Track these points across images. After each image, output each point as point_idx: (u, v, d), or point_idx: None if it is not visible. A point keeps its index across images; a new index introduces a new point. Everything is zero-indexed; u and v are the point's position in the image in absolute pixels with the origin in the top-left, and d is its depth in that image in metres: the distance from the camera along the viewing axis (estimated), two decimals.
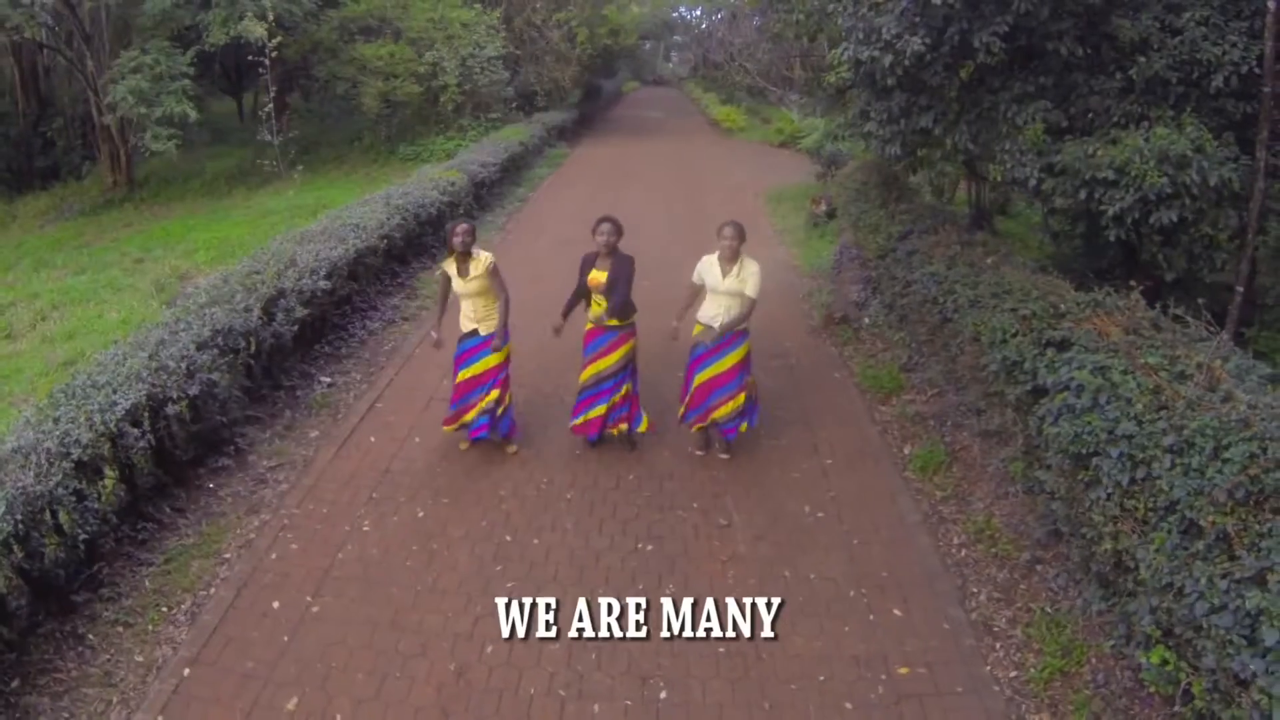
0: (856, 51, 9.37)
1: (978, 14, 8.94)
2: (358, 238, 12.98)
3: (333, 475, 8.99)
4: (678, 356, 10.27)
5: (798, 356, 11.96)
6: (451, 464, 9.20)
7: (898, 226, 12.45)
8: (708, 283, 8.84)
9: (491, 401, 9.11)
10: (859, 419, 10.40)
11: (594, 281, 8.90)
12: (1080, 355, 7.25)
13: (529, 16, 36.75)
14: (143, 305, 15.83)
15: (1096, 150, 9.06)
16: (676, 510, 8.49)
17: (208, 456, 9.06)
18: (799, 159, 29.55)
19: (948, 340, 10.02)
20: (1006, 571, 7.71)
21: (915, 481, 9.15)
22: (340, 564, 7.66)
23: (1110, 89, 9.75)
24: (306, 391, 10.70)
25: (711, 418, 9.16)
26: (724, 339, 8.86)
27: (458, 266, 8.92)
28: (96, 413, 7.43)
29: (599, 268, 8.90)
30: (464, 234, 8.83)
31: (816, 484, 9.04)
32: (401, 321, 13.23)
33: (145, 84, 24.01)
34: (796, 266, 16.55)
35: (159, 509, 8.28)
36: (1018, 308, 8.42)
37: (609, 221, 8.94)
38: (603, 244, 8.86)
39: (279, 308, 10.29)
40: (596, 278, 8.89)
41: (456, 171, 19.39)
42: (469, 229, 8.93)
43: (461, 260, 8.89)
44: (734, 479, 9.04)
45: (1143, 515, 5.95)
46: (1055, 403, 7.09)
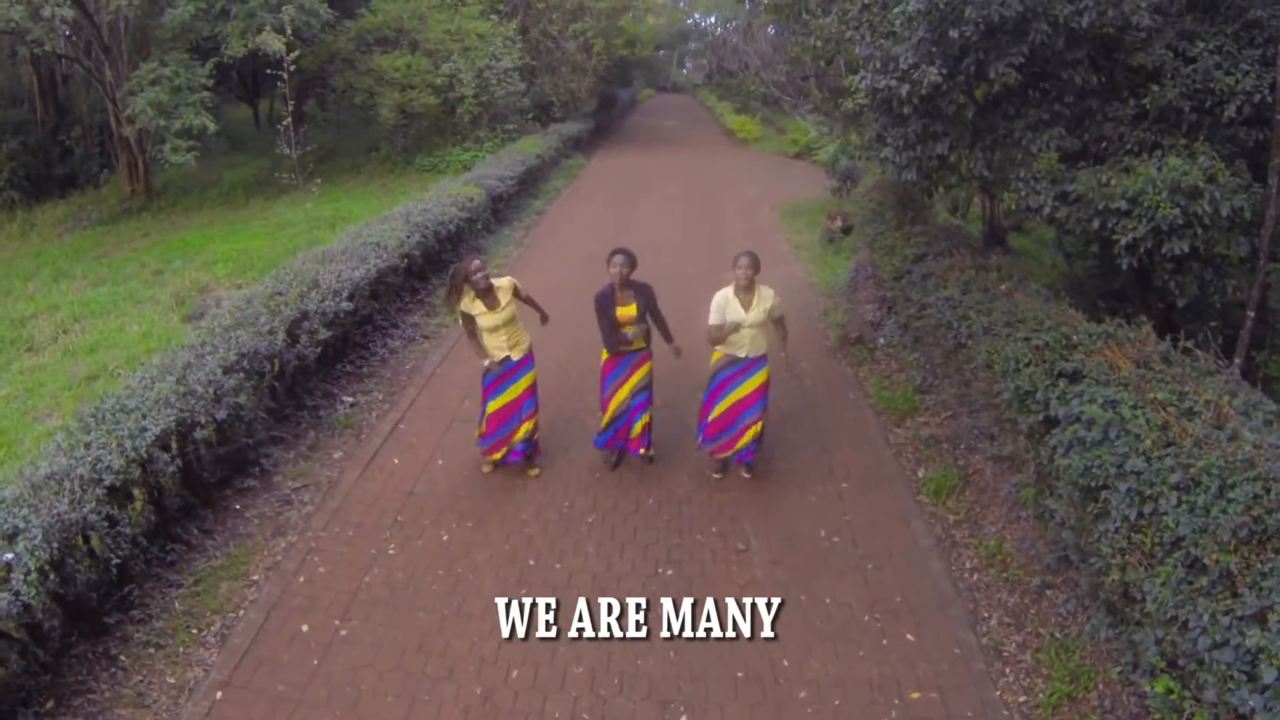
0: (874, 81, 9.50)
1: (994, 44, 9.07)
2: (379, 257, 13.14)
3: (358, 497, 9.15)
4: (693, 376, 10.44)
5: (813, 377, 12.08)
6: (474, 487, 9.36)
7: (913, 248, 12.56)
8: (731, 319, 8.89)
9: (527, 432, 9.30)
10: (874, 441, 10.51)
11: (625, 318, 8.96)
12: (1091, 388, 7.35)
13: (545, 27, 36.91)
14: (163, 319, 16.02)
15: (1110, 179, 9.16)
16: (695, 534, 8.63)
17: (234, 478, 9.22)
18: (814, 171, 29.61)
19: (961, 365, 10.12)
20: (1017, 596, 7.81)
21: (928, 505, 9.26)
22: (367, 587, 7.81)
23: (1123, 116, 9.86)
24: (329, 411, 10.86)
25: (733, 450, 9.31)
26: (744, 364, 9.01)
27: (484, 302, 8.93)
28: (127, 438, 7.58)
29: (622, 303, 8.95)
30: (480, 268, 8.84)
31: (832, 507, 9.16)
32: (422, 339, 13.41)
33: (164, 96, 24.22)
34: (812, 284, 16.69)
35: (187, 530, 8.43)
36: (1030, 337, 8.52)
37: (622, 254, 8.91)
38: (616, 275, 8.86)
39: (302, 329, 10.47)
40: (627, 314, 8.95)
41: (475, 187, 19.55)
42: (480, 264, 8.93)
43: (485, 294, 8.92)
44: (751, 502, 9.18)
45: (1149, 549, 6.04)
46: (1066, 434, 7.18)
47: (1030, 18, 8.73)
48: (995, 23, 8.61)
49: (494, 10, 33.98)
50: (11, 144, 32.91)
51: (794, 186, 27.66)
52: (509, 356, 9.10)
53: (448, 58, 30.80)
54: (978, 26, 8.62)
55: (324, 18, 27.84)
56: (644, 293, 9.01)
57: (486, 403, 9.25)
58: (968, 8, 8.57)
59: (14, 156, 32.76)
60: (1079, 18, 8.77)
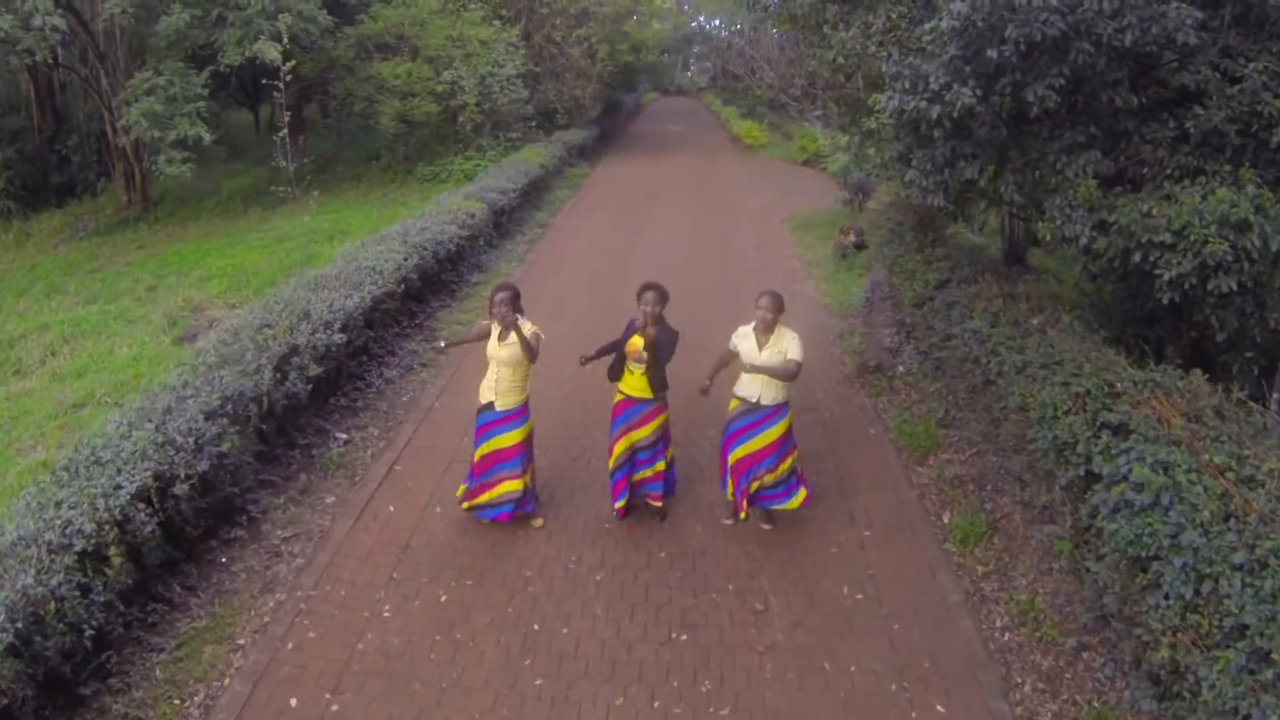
0: (902, 101, 8.89)
1: (1032, 65, 8.48)
2: (374, 283, 12.52)
3: (350, 550, 8.58)
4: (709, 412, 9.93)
5: (831, 409, 11.52)
6: (474, 539, 8.76)
7: (935, 273, 12.02)
8: (743, 355, 8.41)
9: (509, 491, 8.67)
10: (896, 482, 9.97)
11: (632, 348, 8.38)
12: (1140, 445, 6.83)
13: (549, 33, 36.32)
14: (154, 340, 15.65)
15: (1152, 208, 8.59)
16: (710, 593, 8.06)
17: (219, 527, 8.66)
18: (823, 179, 29.18)
19: (990, 403, 9.60)
20: (1051, 659, 7.33)
21: (955, 555, 8.74)
22: (360, 655, 7.25)
23: (1162, 138, 9.25)
24: (322, 450, 10.30)
25: (753, 489, 8.75)
26: (761, 414, 8.46)
27: (499, 330, 8.40)
28: (100, 497, 7.06)
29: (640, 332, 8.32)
30: (500, 303, 8.24)
31: (854, 559, 8.61)
32: (420, 368, 12.80)
33: (159, 106, 23.65)
34: (826, 305, 16.11)
35: (169, 588, 7.89)
36: (1070, 382, 7.99)
37: (653, 290, 8.25)
38: (650, 314, 8.19)
39: (292, 365, 9.89)
40: (635, 345, 8.35)
41: (476, 201, 18.99)
42: (508, 296, 8.31)
43: (500, 326, 8.36)
44: (769, 555, 8.61)
45: (1206, 631, 5.58)
46: (1112, 495, 6.68)
47: (1072, 36, 8.14)
48: (1037, 42, 8.02)
49: (497, 16, 33.39)
50: (7, 152, 32.42)
51: (803, 197, 27.10)
52: (491, 403, 8.53)
53: (449, 64, 30.21)
54: (1018, 46, 8.04)
55: (323, 24, 27.29)
56: (666, 335, 8.33)
57: (476, 445, 8.70)
58: (1008, 26, 7.97)
59: (10, 165, 32.25)
60: (1121, 35, 8.19)
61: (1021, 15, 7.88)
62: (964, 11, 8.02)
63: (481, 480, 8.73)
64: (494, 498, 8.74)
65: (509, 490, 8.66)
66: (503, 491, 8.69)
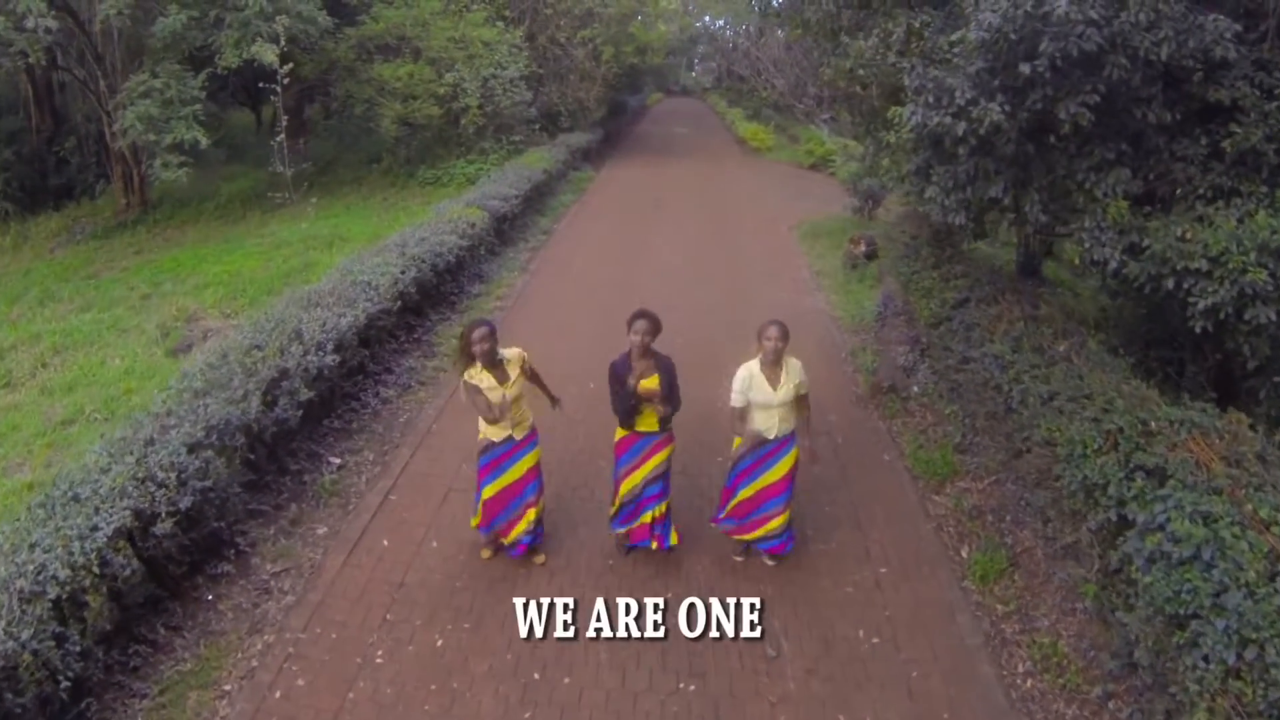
0: (925, 117, 8.44)
1: (1064, 80, 8.04)
2: (369, 299, 12.01)
3: (342, 589, 8.15)
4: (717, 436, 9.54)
5: (844, 432, 11.07)
6: (472, 577, 8.31)
7: (953, 292, 11.60)
8: (756, 400, 7.92)
9: (530, 523, 8.26)
10: (912, 513, 9.54)
11: (647, 392, 7.88)
12: (1178, 493, 6.42)
13: (553, 34, 35.84)
14: (146, 352, 15.31)
15: (1185, 232, 8.16)
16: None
17: (206, 562, 8.25)
18: (831, 184, 28.80)
19: (1011, 432, 9.19)
20: (1076, 708, 6.98)
21: (975, 593, 8.32)
22: (352, 706, 6.84)
23: (1193, 155, 8.81)
24: (314, 475, 9.86)
25: (753, 535, 8.34)
26: (771, 447, 8.04)
27: (493, 375, 7.88)
28: (76, 540, 6.65)
29: (643, 374, 7.86)
30: (482, 340, 7.72)
31: (870, 599, 8.18)
32: (418, 387, 12.34)
33: (155, 110, 23.17)
34: (837, 319, 15.65)
35: (152, 628, 7.50)
36: (1101, 419, 7.57)
37: (645, 318, 7.79)
38: (638, 344, 7.77)
39: (281, 390, 9.44)
40: (649, 388, 7.87)
41: (477, 209, 18.51)
42: (488, 331, 7.78)
43: (492, 367, 7.88)
44: (781, 595, 8.17)
45: (1251, 700, 5.22)
46: (1147, 545, 6.28)
47: (1108, 50, 7.70)
48: (1074, 57, 7.58)
49: (499, 17, 32.89)
50: (5, 154, 32.00)
51: (811, 203, 26.61)
52: (510, 435, 8.09)
53: (451, 66, 29.73)
54: (1052, 61, 7.59)
55: (322, 25, 26.79)
56: (666, 365, 7.93)
57: (482, 486, 8.23)
58: (1043, 40, 7.53)
59: (7, 167, 31.82)
60: (1157, 49, 7.75)
61: (1057, 28, 7.44)
62: (994, 23, 7.58)
63: (497, 523, 8.34)
64: (521, 533, 8.34)
65: (530, 521, 8.28)
66: (525, 525, 8.29)
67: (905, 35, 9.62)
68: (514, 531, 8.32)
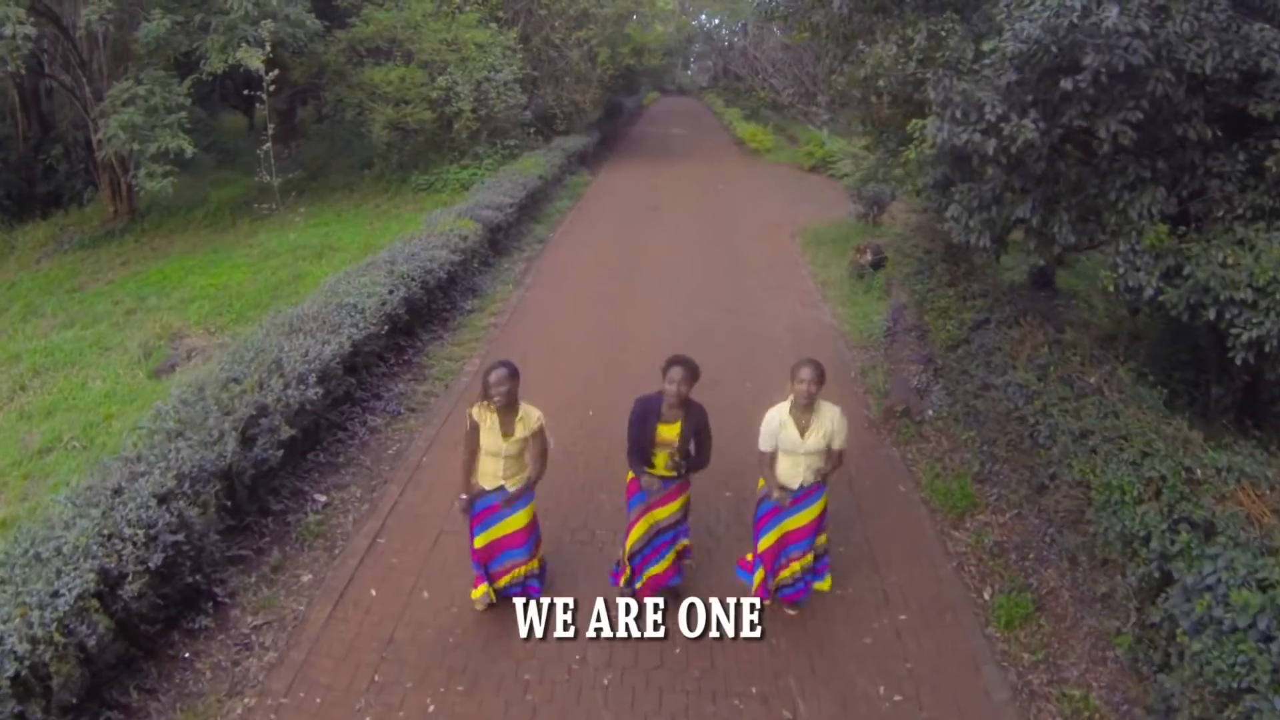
0: (951, 134, 7.83)
1: (1106, 95, 7.45)
2: (355, 325, 11.35)
3: (327, 645, 7.55)
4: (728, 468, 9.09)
5: (857, 462, 10.43)
6: (466, 633, 7.70)
7: (971, 313, 11.00)
8: (785, 444, 7.36)
9: (517, 578, 7.73)
10: (931, 552, 8.99)
11: (664, 441, 7.32)
12: (1229, 551, 5.89)
13: (548, 35, 35.16)
14: (128, 373, 14.87)
15: (1228, 257, 7.58)
16: (732, 699, 7.05)
17: (182, 616, 7.67)
18: (832, 187, 28.27)
19: (1036, 466, 8.63)
20: None
21: (999, 640, 7.77)
22: None
23: (1231, 173, 8.20)
24: (299, 515, 9.26)
25: (781, 578, 7.79)
26: (799, 493, 7.49)
27: (500, 420, 7.31)
28: (35, 609, 6.09)
29: (666, 421, 7.29)
30: (499, 383, 7.12)
31: (890, 651, 7.62)
32: (407, 414, 11.71)
33: (139, 118, 22.46)
34: (845, 333, 15.05)
35: (124, 690, 6.93)
36: (1140, 463, 7.01)
37: (681, 365, 7.15)
38: (673, 394, 7.14)
39: (261, 428, 8.81)
40: (667, 436, 7.31)
41: (469, 221, 17.84)
42: (506, 374, 7.16)
43: (504, 414, 7.30)
44: (796, 648, 7.60)
45: None
46: (1196, 609, 5.75)
47: (1153, 64, 7.10)
48: (1120, 71, 6.99)
49: (493, 18, 32.20)
50: None
51: (813, 207, 26.03)
52: (503, 485, 7.49)
53: (444, 69, 29.07)
54: (1096, 76, 7.00)
55: (311, 28, 26.14)
56: (696, 416, 7.34)
57: (473, 535, 7.65)
58: (1087, 53, 6.94)
59: None
60: (1201, 61, 7.17)
61: (1102, 40, 6.84)
62: (1033, 34, 6.95)
63: (493, 568, 7.76)
64: (513, 580, 7.80)
65: (517, 576, 7.77)
66: (511, 579, 7.78)
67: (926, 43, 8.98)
68: (502, 581, 7.81)
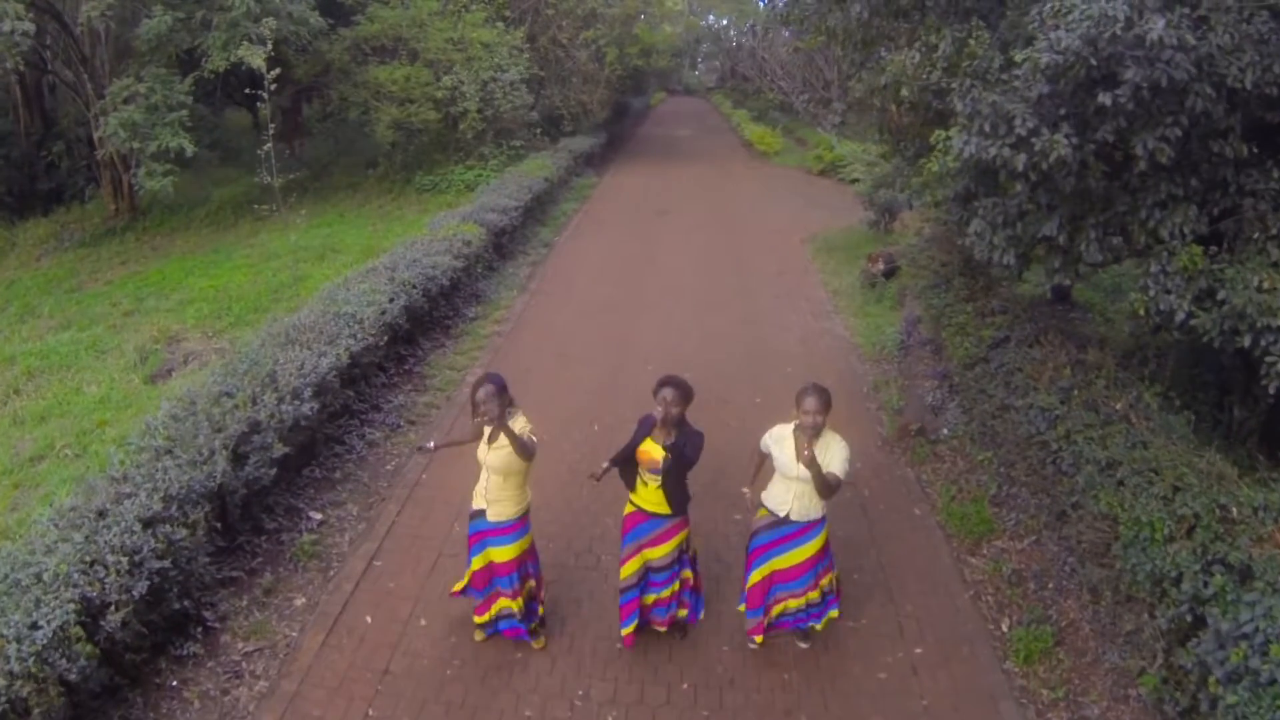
0: (979, 148, 7.48)
1: (1145, 112, 7.11)
2: (353, 335, 10.97)
3: (320, 675, 7.22)
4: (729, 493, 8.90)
5: (869, 484, 10.13)
6: (465, 664, 7.37)
7: (990, 330, 10.65)
8: (778, 462, 7.01)
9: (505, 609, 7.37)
10: (947, 580, 8.65)
11: (645, 457, 6.93)
12: (1268, 598, 5.58)
13: (555, 35, 34.85)
14: (124, 378, 14.60)
15: (1264, 281, 7.24)
16: None
17: (170, 642, 7.35)
18: (842, 191, 27.95)
19: (1057, 494, 8.29)
20: None
21: (1018, 675, 7.44)
22: None
23: (1265, 191, 7.85)
24: (293, 534, 8.94)
25: (771, 614, 7.41)
26: (790, 529, 7.11)
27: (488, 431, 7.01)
28: (12, 642, 5.79)
29: (656, 439, 6.92)
30: (486, 400, 6.74)
31: (906, 687, 7.29)
32: (406, 426, 11.37)
33: (139, 116, 22.15)
34: (857, 346, 14.67)
35: None
36: (1171, 498, 6.68)
37: (671, 386, 6.78)
38: (662, 416, 6.76)
39: (253, 445, 8.48)
40: (649, 454, 6.91)
41: (473, 225, 17.51)
42: (493, 391, 6.78)
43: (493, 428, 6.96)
44: (808, 684, 7.27)
45: None
46: (1232, 659, 5.45)
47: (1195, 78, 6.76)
48: (1161, 86, 6.64)
49: (499, 17, 31.87)
50: None
51: (823, 213, 25.62)
52: (483, 511, 7.16)
53: (449, 69, 28.69)
54: (1136, 90, 6.65)
55: (315, 26, 25.80)
56: (687, 441, 6.90)
57: (470, 556, 7.36)
58: (1127, 66, 6.59)
59: None
60: (1242, 75, 6.83)
61: (1144, 53, 6.49)
62: (1072, 45, 6.60)
63: (487, 593, 7.43)
64: (496, 614, 7.46)
65: (504, 607, 7.38)
66: (500, 608, 7.41)
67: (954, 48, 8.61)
68: (488, 613, 7.48)
